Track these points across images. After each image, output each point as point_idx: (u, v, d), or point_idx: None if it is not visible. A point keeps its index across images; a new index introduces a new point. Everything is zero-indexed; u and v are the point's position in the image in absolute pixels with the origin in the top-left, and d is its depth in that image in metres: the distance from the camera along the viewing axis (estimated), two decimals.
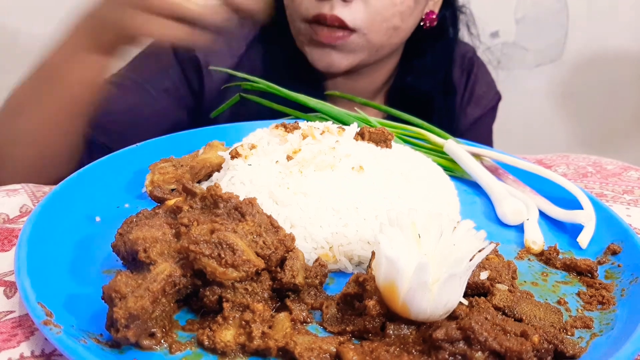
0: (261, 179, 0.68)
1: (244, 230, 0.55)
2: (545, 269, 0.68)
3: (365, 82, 1.23)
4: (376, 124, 0.94)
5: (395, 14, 1.06)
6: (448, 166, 0.90)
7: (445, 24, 1.25)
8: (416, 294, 0.50)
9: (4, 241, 0.66)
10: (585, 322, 0.57)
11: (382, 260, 0.51)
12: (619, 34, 2.22)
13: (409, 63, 1.25)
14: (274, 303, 0.57)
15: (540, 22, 2.21)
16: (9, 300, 0.56)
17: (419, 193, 0.71)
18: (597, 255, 0.70)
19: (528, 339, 0.49)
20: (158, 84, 1.16)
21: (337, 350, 0.50)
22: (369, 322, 0.52)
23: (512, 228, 0.77)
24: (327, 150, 0.71)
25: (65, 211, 0.66)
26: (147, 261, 0.52)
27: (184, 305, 0.55)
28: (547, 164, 1.02)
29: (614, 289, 0.63)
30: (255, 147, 0.74)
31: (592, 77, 2.29)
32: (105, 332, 0.49)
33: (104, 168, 0.76)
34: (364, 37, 1.06)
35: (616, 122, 2.39)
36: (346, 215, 0.65)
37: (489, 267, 0.61)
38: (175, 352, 0.50)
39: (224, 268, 0.52)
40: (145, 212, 0.59)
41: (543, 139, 2.36)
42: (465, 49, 1.36)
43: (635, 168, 1.00)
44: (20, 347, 0.50)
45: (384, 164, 0.72)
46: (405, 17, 1.09)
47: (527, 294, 0.59)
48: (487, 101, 1.39)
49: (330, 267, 0.64)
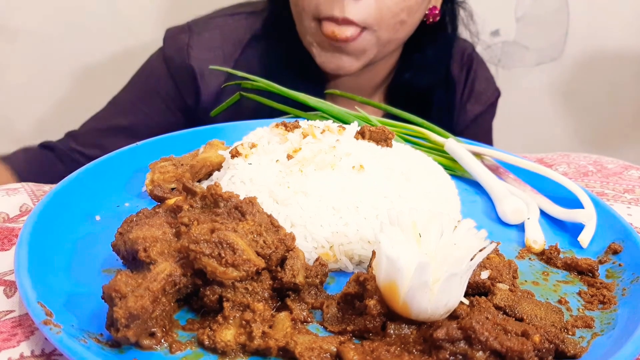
0: (261, 178, 0.68)
1: (244, 229, 0.55)
2: (546, 268, 0.68)
3: (365, 79, 1.24)
4: (377, 123, 0.94)
5: (403, 8, 1.06)
6: (449, 165, 0.90)
7: (446, 20, 1.25)
8: (417, 294, 0.50)
9: (4, 240, 0.66)
10: (586, 321, 0.57)
11: (382, 259, 0.51)
12: (619, 32, 2.22)
13: (409, 59, 1.25)
14: (274, 302, 0.56)
15: (540, 21, 2.21)
16: (9, 299, 0.56)
17: (419, 192, 0.71)
18: (598, 255, 0.70)
19: (529, 338, 0.48)
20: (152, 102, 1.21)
21: (338, 350, 0.50)
22: (370, 322, 0.52)
23: (513, 227, 0.77)
24: (327, 149, 0.71)
25: (65, 210, 0.66)
26: (147, 260, 0.52)
27: (184, 304, 0.55)
28: (548, 163, 1.02)
29: (615, 289, 0.63)
30: (256, 146, 0.74)
31: (593, 75, 2.29)
32: (105, 331, 0.49)
33: (104, 167, 0.76)
34: (374, 34, 1.06)
35: (617, 121, 2.38)
36: (346, 215, 0.65)
37: (490, 267, 0.60)
38: (175, 351, 0.50)
39: (224, 267, 0.52)
40: (146, 212, 0.59)
41: (544, 138, 2.35)
42: (464, 45, 1.36)
43: (636, 167, 1.00)
44: (20, 346, 0.50)
45: (384, 163, 0.72)
46: (413, 12, 1.09)
47: (528, 293, 0.59)
48: (486, 97, 1.39)
49: (331, 266, 0.63)
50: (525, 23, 2.22)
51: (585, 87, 2.32)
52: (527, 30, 2.23)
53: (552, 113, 2.38)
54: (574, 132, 2.41)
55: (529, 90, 2.31)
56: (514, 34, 2.23)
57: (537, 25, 2.23)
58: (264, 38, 1.22)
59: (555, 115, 2.38)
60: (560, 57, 2.28)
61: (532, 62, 2.29)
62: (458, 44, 1.33)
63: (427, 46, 1.24)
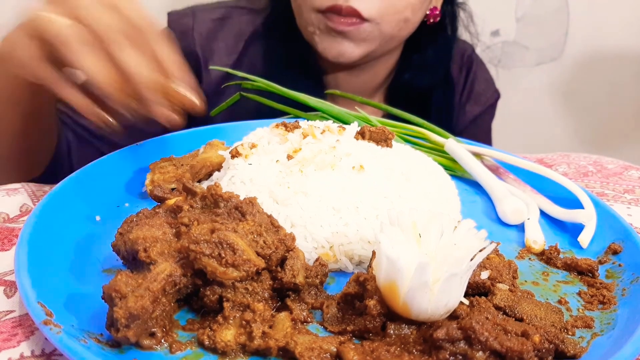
0: (261, 178, 0.68)
1: (245, 229, 0.55)
2: (546, 269, 0.68)
3: (366, 78, 1.24)
4: (377, 123, 0.94)
5: (407, 6, 1.07)
6: (449, 165, 0.90)
7: (446, 21, 1.25)
8: (417, 294, 0.50)
9: (4, 240, 0.66)
10: (586, 321, 0.57)
11: (382, 259, 0.51)
12: (619, 32, 2.22)
13: (409, 60, 1.25)
14: (274, 303, 0.56)
15: (540, 21, 2.21)
16: (9, 299, 0.56)
17: (419, 192, 0.71)
18: (598, 255, 0.70)
19: (529, 338, 0.48)
20: None
21: (338, 350, 0.50)
22: (370, 322, 0.52)
23: (512, 227, 0.77)
24: (327, 150, 0.71)
25: (66, 210, 0.66)
26: (147, 261, 0.52)
27: (184, 304, 0.55)
28: (547, 163, 1.02)
29: (615, 289, 0.63)
30: (256, 146, 0.74)
31: (593, 75, 2.29)
32: (105, 331, 0.49)
33: (104, 167, 0.76)
34: (376, 26, 1.06)
35: (617, 121, 2.38)
36: (347, 215, 0.65)
37: (490, 267, 0.60)
38: (175, 351, 0.50)
39: (225, 268, 0.52)
40: (146, 212, 0.59)
41: (544, 138, 2.36)
42: (464, 46, 1.37)
43: (636, 167, 1.00)
44: (21, 346, 0.50)
45: (384, 163, 0.72)
46: (416, 9, 1.10)
47: (527, 293, 0.59)
48: (486, 99, 1.39)
49: (331, 266, 0.63)
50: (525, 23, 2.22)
51: (585, 87, 2.32)
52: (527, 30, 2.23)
53: (552, 113, 2.38)
54: (574, 132, 2.41)
55: (529, 91, 2.31)
56: (514, 34, 2.23)
57: (537, 25, 2.23)
58: (265, 36, 1.22)
59: (555, 115, 2.38)
60: (560, 57, 2.28)
61: (532, 62, 2.29)
62: (458, 45, 1.33)
63: (427, 47, 1.24)
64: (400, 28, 1.11)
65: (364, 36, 1.07)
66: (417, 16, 1.13)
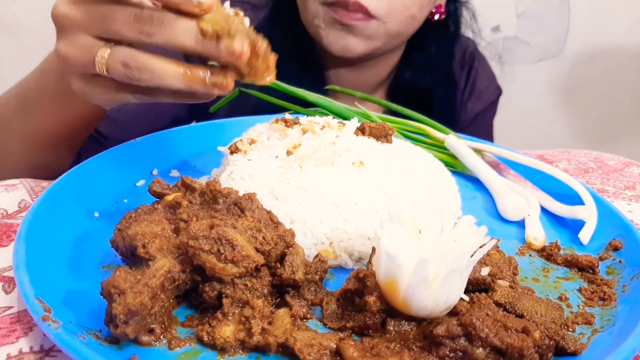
0: (261, 174, 0.68)
1: (244, 225, 0.55)
2: (547, 265, 0.68)
3: (367, 75, 1.23)
4: (376, 119, 0.94)
5: (414, 2, 1.07)
6: (449, 161, 0.90)
7: (449, 18, 1.25)
8: (417, 290, 0.49)
9: (2, 236, 0.66)
10: (587, 318, 0.57)
11: (382, 256, 0.51)
12: (620, 29, 2.21)
13: (411, 57, 1.25)
14: (273, 299, 0.56)
15: (541, 17, 2.21)
16: (8, 295, 0.56)
17: (419, 188, 0.71)
18: (598, 251, 0.70)
19: (529, 335, 0.48)
20: None
21: (337, 347, 0.49)
22: (370, 318, 0.52)
23: (513, 224, 0.77)
24: (327, 146, 0.71)
25: (64, 206, 0.66)
26: (146, 257, 0.52)
27: (183, 301, 0.55)
28: (548, 159, 1.02)
29: (616, 285, 0.63)
30: (255, 142, 0.73)
31: (593, 72, 2.29)
32: (104, 327, 0.49)
33: (102, 163, 0.76)
34: (383, 24, 1.06)
35: (618, 117, 2.38)
36: (346, 211, 0.65)
37: (490, 263, 0.60)
38: (174, 348, 0.49)
39: (224, 264, 0.51)
40: (144, 208, 0.59)
41: (544, 134, 2.36)
42: (466, 43, 1.37)
43: (636, 164, 1.00)
44: (19, 342, 0.50)
45: (384, 159, 0.72)
46: (423, 6, 1.10)
47: (528, 290, 0.59)
48: (487, 96, 1.39)
49: (330, 262, 0.63)
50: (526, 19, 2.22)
51: (586, 84, 2.32)
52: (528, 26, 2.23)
53: (552, 109, 2.38)
54: (575, 129, 2.41)
55: (529, 87, 2.31)
56: (514, 30, 2.23)
57: (538, 22, 2.22)
58: (266, 32, 1.22)
59: (556, 111, 2.38)
60: (561, 54, 2.28)
61: (532, 58, 2.29)
62: (460, 42, 1.33)
63: (429, 45, 1.24)
64: (407, 25, 1.10)
65: (370, 33, 1.07)
66: (423, 13, 1.12)
